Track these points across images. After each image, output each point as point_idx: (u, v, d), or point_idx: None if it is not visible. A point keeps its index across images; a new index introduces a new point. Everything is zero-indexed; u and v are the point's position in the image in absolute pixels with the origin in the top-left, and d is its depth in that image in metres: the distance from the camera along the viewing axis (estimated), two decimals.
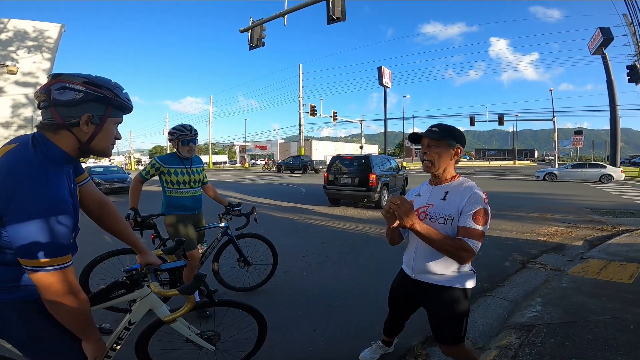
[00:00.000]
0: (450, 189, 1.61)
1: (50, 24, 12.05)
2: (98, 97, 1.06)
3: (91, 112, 1.06)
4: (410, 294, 1.80)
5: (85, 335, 1.16)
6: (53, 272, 0.99)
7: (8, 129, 11.46)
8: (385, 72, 40.01)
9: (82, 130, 1.06)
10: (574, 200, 10.17)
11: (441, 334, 1.68)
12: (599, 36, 29.12)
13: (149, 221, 2.82)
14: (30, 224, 0.95)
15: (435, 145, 1.58)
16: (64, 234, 1.00)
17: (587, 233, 5.81)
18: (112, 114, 1.12)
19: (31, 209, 0.95)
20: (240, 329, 2.03)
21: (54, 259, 0.99)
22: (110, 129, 1.13)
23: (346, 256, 4.64)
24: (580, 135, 26.02)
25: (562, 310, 2.67)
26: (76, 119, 1.04)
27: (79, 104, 1.04)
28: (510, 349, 2.18)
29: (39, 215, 0.95)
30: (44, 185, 0.98)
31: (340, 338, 2.52)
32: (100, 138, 1.11)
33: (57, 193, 1.00)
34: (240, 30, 12.37)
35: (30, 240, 0.95)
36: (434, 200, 1.62)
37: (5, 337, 1.17)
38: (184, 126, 2.84)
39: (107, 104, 1.09)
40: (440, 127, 1.61)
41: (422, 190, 1.75)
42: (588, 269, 3.70)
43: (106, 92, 1.07)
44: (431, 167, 1.61)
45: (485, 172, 27.75)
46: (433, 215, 1.59)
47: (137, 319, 1.50)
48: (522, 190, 13.64)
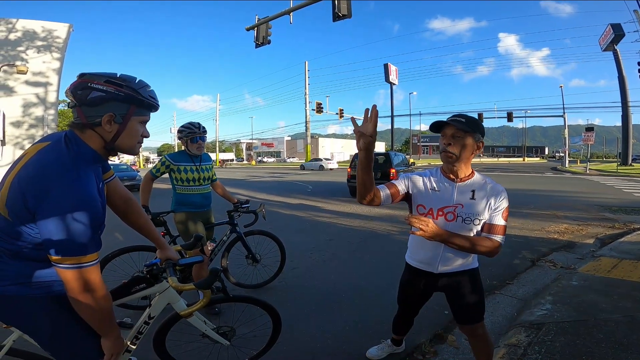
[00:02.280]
0: (476, 187, 1.56)
1: (58, 24, 12.18)
2: (119, 95, 1.06)
3: (113, 111, 1.06)
4: (427, 288, 1.78)
5: (104, 332, 1.18)
6: (75, 270, 1.02)
7: (19, 128, 11.66)
8: (392, 69, 39.77)
9: (105, 129, 1.08)
10: (585, 198, 10.01)
11: (469, 314, 1.71)
12: (610, 32, 28.57)
13: (159, 218, 2.85)
14: (59, 222, 0.98)
15: (461, 137, 1.49)
16: (89, 232, 1.02)
17: (598, 231, 5.73)
18: (135, 112, 1.11)
19: (62, 207, 0.98)
20: (253, 325, 2.04)
21: (79, 257, 1.01)
22: (134, 128, 1.13)
23: (354, 253, 4.65)
24: (592, 132, 25.51)
25: (572, 309, 2.65)
26: (99, 118, 1.06)
27: (102, 103, 1.05)
28: (520, 347, 2.17)
29: (68, 213, 0.98)
30: (76, 183, 1.01)
31: (348, 335, 2.53)
32: (124, 137, 1.12)
33: (87, 191, 1.03)
34: (246, 29, 12.40)
35: (58, 237, 0.98)
36: (462, 200, 1.55)
37: (28, 332, 1.20)
38: (192, 124, 2.87)
39: (130, 102, 1.09)
40: (467, 118, 1.52)
41: (436, 184, 1.61)
42: (599, 267, 3.65)
43: (128, 91, 1.07)
44: (454, 159, 1.51)
45: (493, 169, 27.48)
46: (466, 217, 1.54)
47: (156, 313, 1.54)
48: (530, 187, 13.47)
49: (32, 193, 0.98)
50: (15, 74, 11.12)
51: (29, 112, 11.82)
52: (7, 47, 11.36)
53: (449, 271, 1.66)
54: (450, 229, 1.53)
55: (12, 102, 11.49)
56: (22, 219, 1.02)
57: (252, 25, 12.13)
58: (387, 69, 39.70)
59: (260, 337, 2.00)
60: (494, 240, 1.52)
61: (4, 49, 11.33)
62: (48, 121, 11.77)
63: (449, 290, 1.73)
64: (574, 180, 17.34)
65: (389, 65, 39.66)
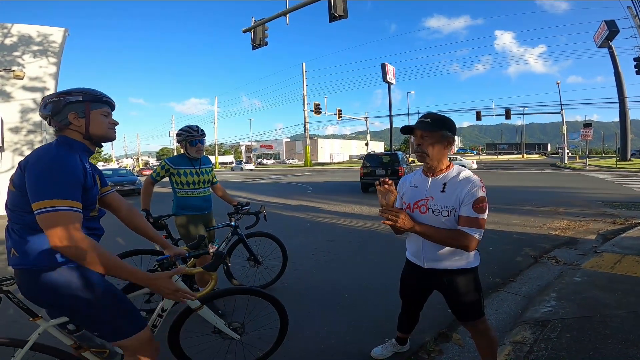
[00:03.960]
0: (448, 180, 1.62)
1: (54, 28, 12.13)
2: (70, 98, 1.35)
3: (74, 110, 1.36)
4: (422, 282, 1.82)
5: (131, 278, 1.31)
6: (48, 213, 1.18)
7: (18, 134, 11.61)
8: (389, 68, 39.80)
9: (76, 125, 1.37)
10: (585, 194, 10.01)
11: (463, 313, 1.73)
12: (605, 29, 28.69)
13: (160, 222, 2.84)
14: (37, 173, 1.21)
15: (429, 136, 1.60)
16: (63, 184, 1.22)
17: (599, 227, 5.72)
18: (92, 107, 1.39)
19: (40, 163, 1.23)
20: (262, 325, 2.09)
21: (51, 200, 1.19)
22: (98, 119, 1.41)
23: (355, 253, 4.64)
24: (590, 128, 25.55)
25: (577, 305, 2.64)
26: (66, 119, 1.36)
27: (62, 109, 1.35)
28: (525, 345, 2.15)
29: (45, 167, 1.21)
30: (54, 150, 1.28)
31: (352, 335, 2.52)
32: (93, 127, 1.40)
33: (63, 156, 1.27)
34: (242, 31, 12.38)
35: (35, 184, 1.20)
36: (433, 193, 1.64)
37: (63, 310, 1.37)
38: (191, 127, 2.86)
39: (83, 101, 1.37)
40: (432, 117, 1.61)
41: (416, 180, 1.75)
42: (602, 263, 3.64)
43: (75, 95, 1.36)
44: (426, 158, 1.63)
45: (492, 167, 27.47)
46: (435, 209, 1.61)
47: (169, 306, 1.65)
48: (531, 184, 13.47)
49: (25, 163, 1.26)
50: (12, 79, 11.07)
51: (27, 117, 11.77)
52: (3, 52, 11.30)
53: (436, 268, 1.69)
54: (425, 222, 1.61)
55: (10, 108, 11.43)
56: (22, 187, 1.23)
57: (248, 28, 12.12)
58: (384, 69, 39.71)
59: (269, 333, 2.06)
60: (464, 233, 1.52)
61: (0, 54, 11.28)
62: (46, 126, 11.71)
63: (442, 288, 1.75)
64: (573, 176, 17.34)
65: (386, 64, 39.68)
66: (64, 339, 1.50)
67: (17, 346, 1.42)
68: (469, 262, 1.67)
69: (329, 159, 65.71)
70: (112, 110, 1.49)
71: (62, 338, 1.49)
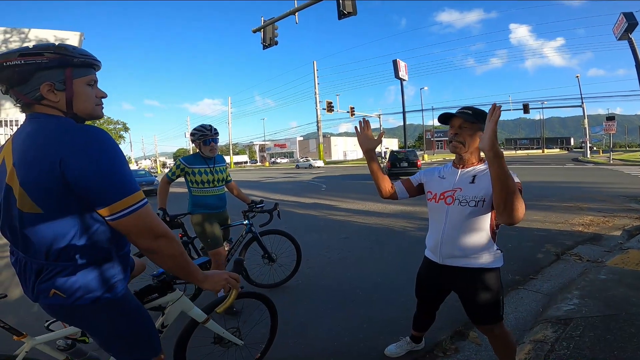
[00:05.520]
0: (478, 172, 1.59)
1: (70, 33, 12.42)
2: (42, 63, 0.97)
3: (48, 80, 0.98)
4: (439, 281, 1.77)
5: (193, 277, 1.16)
6: (134, 214, 0.98)
7: None
8: (401, 64, 39.24)
9: (52, 99, 1.00)
10: (609, 189, 9.62)
11: (479, 316, 1.67)
12: (623, 21, 27.55)
13: (176, 220, 2.89)
14: (103, 162, 0.95)
15: (468, 127, 1.58)
16: (128, 172, 1.00)
17: (625, 222, 5.48)
18: (75, 74, 1.02)
19: (95, 159, 0.94)
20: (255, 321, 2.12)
21: (131, 195, 0.98)
22: (83, 90, 1.05)
23: (369, 250, 4.61)
24: (613, 121, 24.49)
25: (602, 303, 2.54)
26: (36, 91, 0.98)
27: (31, 77, 0.97)
28: (547, 343, 2.09)
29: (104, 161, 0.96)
30: (92, 132, 0.99)
31: (366, 333, 2.50)
32: (77, 102, 1.04)
33: (106, 136, 1.01)
34: (252, 31, 12.46)
35: (112, 179, 0.96)
36: (462, 184, 1.60)
37: (91, 333, 1.20)
38: (204, 126, 2.90)
39: (61, 66, 1.00)
40: (473, 109, 1.59)
41: (445, 172, 1.72)
42: (628, 260, 3.49)
43: (50, 56, 0.98)
44: (461, 149, 1.60)
45: (510, 162, 26.78)
46: (462, 200, 1.57)
47: (169, 322, 1.53)
48: (551, 179, 13.05)
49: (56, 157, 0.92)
50: None
51: None
52: None
53: (453, 265, 1.64)
54: (449, 213, 1.61)
55: None
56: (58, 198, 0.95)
57: (258, 27, 12.18)
58: (396, 65, 39.16)
59: (263, 330, 2.06)
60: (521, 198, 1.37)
61: None
62: None
63: (457, 288, 1.70)
64: (596, 170, 16.72)
65: (398, 61, 39.11)
66: (55, 354, 1.46)
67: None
68: (490, 261, 1.59)
69: (342, 157, 65.51)
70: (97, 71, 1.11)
71: (53, 354, 1.46)
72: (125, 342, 1.18)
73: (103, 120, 46.65)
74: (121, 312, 1.14)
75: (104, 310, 1.10)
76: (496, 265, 1.62)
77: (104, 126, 46.49)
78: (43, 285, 1.03)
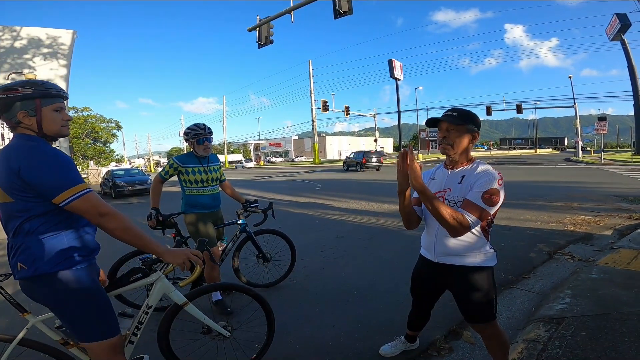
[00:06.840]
0: (467, 172, 1.61)
1: (62, 31, 12.27)
2: (17, 97, 1.26)
3: (24, 109, 1.27)
4: (433, 279, 1.79)
5: (149, 248, 1.39)
6: (81, 198, 1.25)
7: None
8: (396, 64, 39.32)
9: (27, 123, 1.29)
10: (600, 188, 9.75)
11: (472, 314, 1.69)
12: (616, 22, 27.97)
13: (169, 220, 2.86)
14: (48, 166, 1.24)
15: (455, 129, 1.59)
16: (72, 169, 1.28)
17: (616, 222, 5.56)
18: (43, 103, 1.30)
19: (39, 159, 1.24)
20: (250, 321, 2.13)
21: (77, 185, 1.26)
22: (50, 116, 1.32)
23: (364, 250, 4.61)
24: (605, 122, 24.82)
25: (593, 303, 2.57)
26: (15, 117, 1.27)
27: (11, 107, 1.27)
28: (539, 342, 2.11)
29: (52, 162, 1.25)
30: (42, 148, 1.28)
31: (361, 332, 2.50)
32: (46, 125, 1.32)
33: (52, 149, 1.30)
34: (248, 29, 12.41)
35: (56, 177, 1.24)
36: (451, 185, 1.64)
37: (53, 310, 1.39)
38: (197, 125, 2.87)
39: (32, 97, 1.28)
40: (459, 111, 1.62)
41: (437, 174, 1.75)
42: (619, 259, 3.54)
43: (23, 90, 1.26)
44: (450, 150, 1.62)
45: (504, 162, 27.00)
46: (451, 200, 1.60)
47: (154, 302, 1.66)
48: (544, 178, 13.20)
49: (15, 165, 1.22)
50: None
51: None
52: (14, 55, 11.51)
53: (447, 263, 1.67)
54: None
55: None
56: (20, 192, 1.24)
57: (253, 26, 12.13)
58: (391, 65, 39.20)
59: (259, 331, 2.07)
60: (460, 214, 1.47)
61: (11, 57, 11.48)
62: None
63: (451, 286, 1.72)
64: (588, 170, 16.93)
65: (393, 61, 39.14)
66: (51, 334, 1.52)
67: (6, 342, 1.45)
68: (483, 260, 1.62)
69: (337, 156, 65.56)
70: (64, 100, 1.40)
71: (50, 333, 1.52)
72: (81, 319, 1.35)
73: (95, 119, 46.15)
74: (77, 287, 1.32)
75: (60, 283, 1.30)
76: (489, 264, 1.64)
77: (96, 125, 45.90)
78: (14, 260, 1.30)
